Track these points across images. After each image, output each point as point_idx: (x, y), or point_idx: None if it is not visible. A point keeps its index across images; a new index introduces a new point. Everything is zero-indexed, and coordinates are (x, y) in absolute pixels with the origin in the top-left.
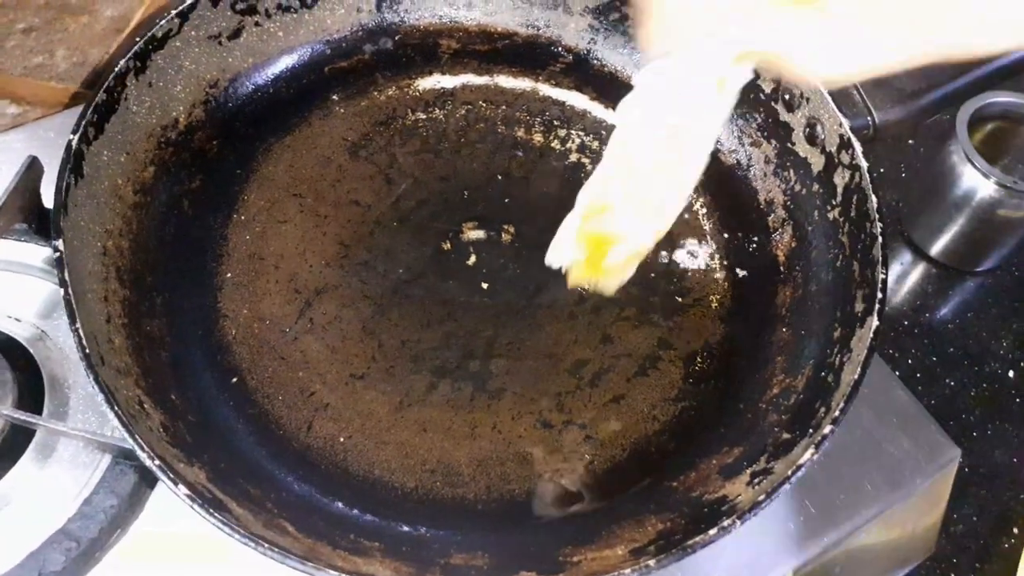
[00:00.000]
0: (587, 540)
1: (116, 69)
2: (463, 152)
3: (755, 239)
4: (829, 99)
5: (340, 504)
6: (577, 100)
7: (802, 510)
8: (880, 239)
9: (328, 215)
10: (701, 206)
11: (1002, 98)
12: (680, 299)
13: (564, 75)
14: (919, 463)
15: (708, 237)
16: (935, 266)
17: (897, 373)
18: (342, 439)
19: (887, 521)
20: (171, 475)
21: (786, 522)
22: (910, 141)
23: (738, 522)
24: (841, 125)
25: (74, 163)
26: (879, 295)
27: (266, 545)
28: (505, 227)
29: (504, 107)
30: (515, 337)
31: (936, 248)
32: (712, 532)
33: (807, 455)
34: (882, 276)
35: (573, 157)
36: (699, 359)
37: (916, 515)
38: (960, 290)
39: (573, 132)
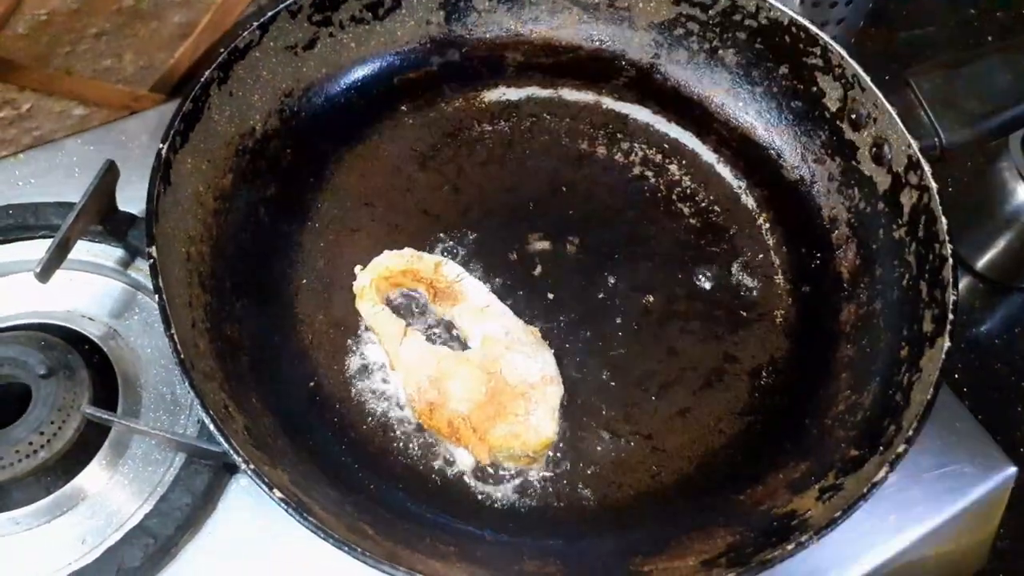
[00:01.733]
0: (656, 551)
1: (202, 79)
2: (528, 164)
3: (819, 255)
4: (898, 119)
5: (416, 506)
6: (640, 114)
7: (858, 524)
8: (950, 261)
9: (399, 224)
10: (764, 221)
11: None
12: (744, 313)
13: (627, 89)
14: (975, 480)
15: (771, 252)
16: (981, 281)
17: None
18: (419, 442)
19: (941, 537)
20: (265, 480)
21: (842, 534)
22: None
23: (815, 538)
24: (910, 146)
25: (164, 171)
26: (950, 316)
27: (358, 549)
28: (569, 239)
29: (568, 120)
30: (581, 348)
31: (982, 263)
32: (790, 547)
33: (881, 473)
34: (952, 297)
35: (636, 170)
36: (764, 373)
37: (969, 532)
38: (1006, 305)
39: (636, 145)
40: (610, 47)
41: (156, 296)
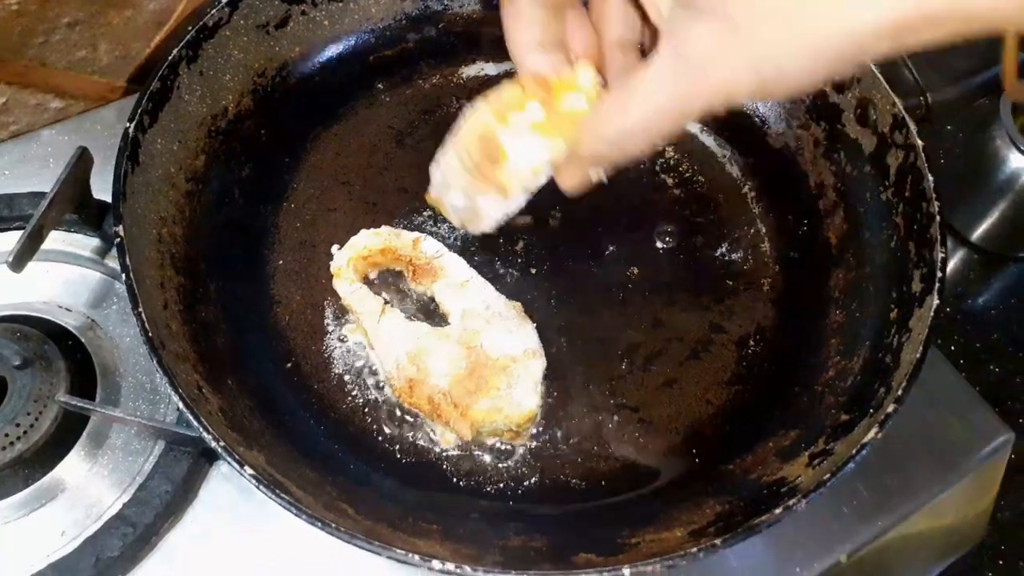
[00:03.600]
0: (645, 523)
1: (169, 58)
2: None
3: (806, 222)
4: (881, 79)
5: (398, 485)
6: None
7: (855, 495)
8: (938, 218)
9: (376, 202)
10: (749, 190)
11: None
12: (731, 283)
13: None
14: (972, 447)
15: (757, 220)
16: (976, 252)
17: None
18: (399, 420)
19: (939, 506)
20: (236, 457)
21: (839, 506)
22: (948, 127)
23: (804, 501)
24: (894, 105)
25: (131, 150)
26: (939, 274)
27: (332, 525)
28: (551, 213)
29: None
30: (566, 321)
31: (977, 234)
32: (778, 511)
33: (871, 434)
34: (941, 255)
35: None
36: (752, 342)
37: (967, 501)
38: (1002, 276)
39: None
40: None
41: (123, 275)
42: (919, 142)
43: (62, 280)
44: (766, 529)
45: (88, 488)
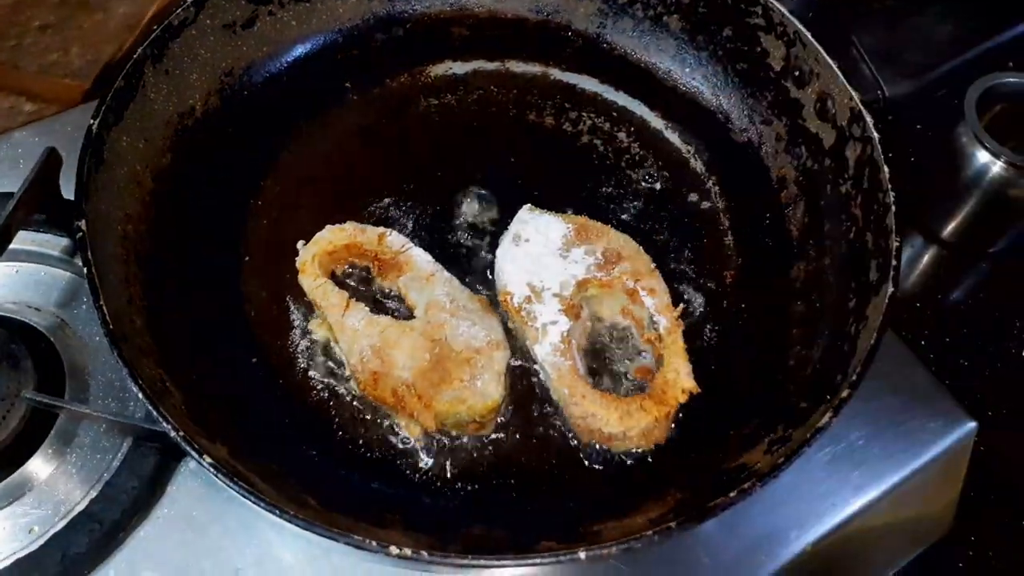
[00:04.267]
0: (608, 513)
1: (135, 57)
2: (476, 137)
3: (768, 216)
4: (839, 74)
5: (361, 477)
6: (587, 84)
7: (820, 484)
8: (893, 208)
9: (343, 199)
10: (713, 184)
11: (1010, 79)
12: (694, 275)
13: (574, 59)
14: (936, 435)
15: (720, 214)
16: (946, 248)
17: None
18: (363, 414)
19: (904, 495)
20: (196, 447)
21: (804, 496)
22: (918, 126)
23: (759, 484)
24: (852, 98)
25: (94, 148)
26: (893, 262)
27: (290, 514)
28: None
29: (515, 92)
30: None
31: (947, 230)
32: (732, 495)
33: (825, 419)
34: (896, 244)
35: (585, 139)
36: (713, 333)
37: (933, 491)
38: (973, 271)
39: (584, 114)
40: (555, 18)
41: (85, 269)
42: (876, 134)
43: (32, 280)
44: (722, 513)
45: (56, 485)
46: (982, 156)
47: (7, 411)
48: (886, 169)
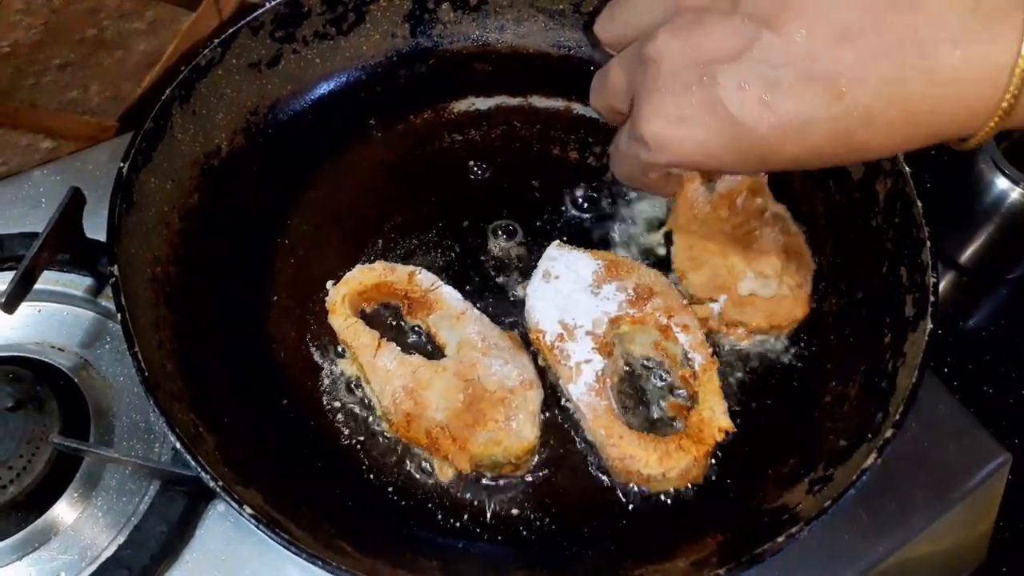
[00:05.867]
0: (646, 556)
1: (162, 98)
2: (500, 172)
3: None
4: None
5: (397, 521)
6: None
7: (855, 520)
8: (928, 243)
9: (370, 237)
10: None
11: None
12: None
13: None
14: (969, 468)
15: None
16: (965, 274)
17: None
18: (397, 456)
19: (939, 530)
20: (234, 496)
21: (840, 532)
22: (932, 151)
23: (805, 528)
24: None
25: (125, 190)
26: (931, 299)
27: (332, 564)
28: (545, 244)
29: (539, 127)
30: None
31: (965, 256)
32: (780, 539)
33: (870, 460)
34: (932, 279)
35: (609, 174)
36: (747, 370)
37: (968, 522)
38: (993, 297)
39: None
40: (577, 53)
41: (119, 315)
42: (907, 168)
43: (55, 320)
44: (770, 558)
45: (83, 530)
46: (1001, 183)
47: (32, 455)
48: (919, 204)
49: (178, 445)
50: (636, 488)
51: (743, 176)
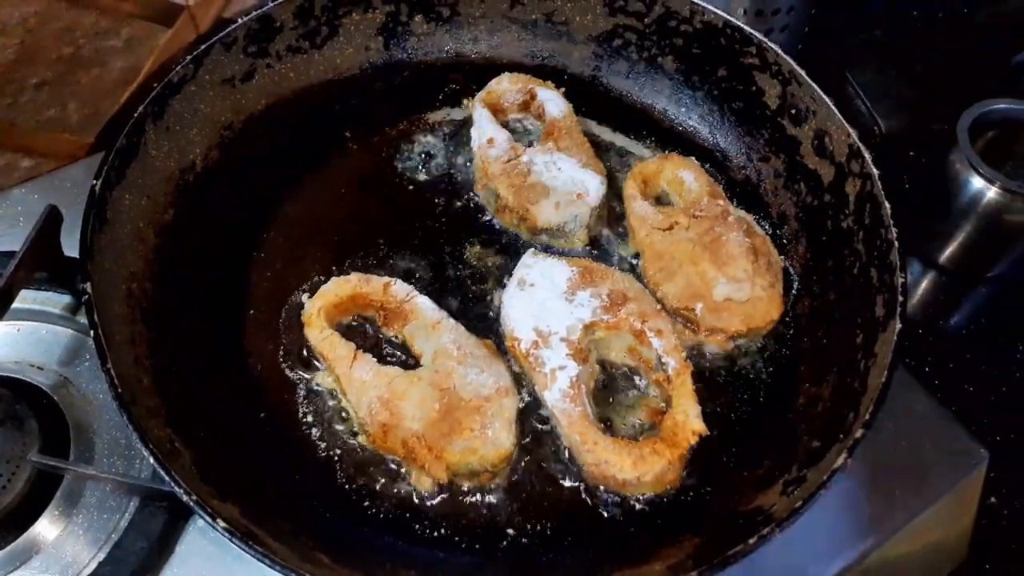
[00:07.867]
0: (623, 561)
1: (135, 115)
2: (475, 180)
3: None
4: (835, 110)
5: (375, 532)
6: (585, 125)
7: (835, 520)
8: (896, 244)
9: (345, 249)
10: None
11: (1001, 105)
12: None
13: (571, 102)
14: (947, 466)
15: None
16: (944, 274)
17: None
18: (374, 467)
19: (919, 526)
20: (208, 510)
21: (820, 533)
22: (911, 152)
23: (777, 530)
24: (849, 135)
25: (98, 208)
26: (900, 298)
27: None
28: (521, 251)
29: None
30: None
31: (944, 256)
32: (752, 541)
33: (840, 460)
34: (901, 280)
35: None
36: (723, 372)
37: (947, 520)
38: (972, 296)
39: None
40: (551, 62)
41: (91, 332)
42: (875, 170)
43: (34, 339)
44: (743, 559)
45: (64, 547)
46: (977, 182)
47: (12, 474)
48: (887, 205)
49: (151, 460)
50: (612, 494)
51: (701, 184)
